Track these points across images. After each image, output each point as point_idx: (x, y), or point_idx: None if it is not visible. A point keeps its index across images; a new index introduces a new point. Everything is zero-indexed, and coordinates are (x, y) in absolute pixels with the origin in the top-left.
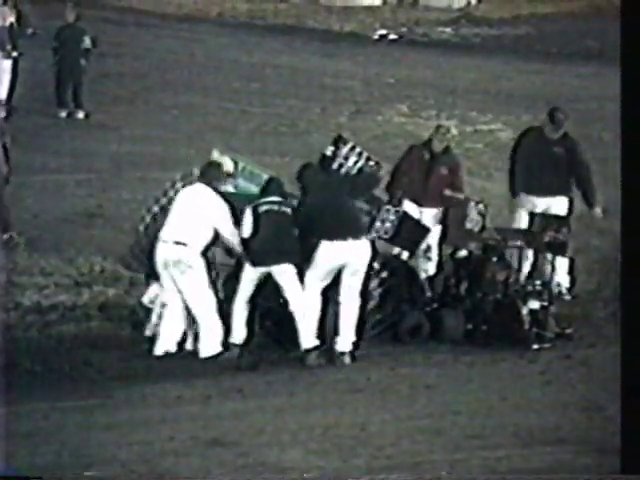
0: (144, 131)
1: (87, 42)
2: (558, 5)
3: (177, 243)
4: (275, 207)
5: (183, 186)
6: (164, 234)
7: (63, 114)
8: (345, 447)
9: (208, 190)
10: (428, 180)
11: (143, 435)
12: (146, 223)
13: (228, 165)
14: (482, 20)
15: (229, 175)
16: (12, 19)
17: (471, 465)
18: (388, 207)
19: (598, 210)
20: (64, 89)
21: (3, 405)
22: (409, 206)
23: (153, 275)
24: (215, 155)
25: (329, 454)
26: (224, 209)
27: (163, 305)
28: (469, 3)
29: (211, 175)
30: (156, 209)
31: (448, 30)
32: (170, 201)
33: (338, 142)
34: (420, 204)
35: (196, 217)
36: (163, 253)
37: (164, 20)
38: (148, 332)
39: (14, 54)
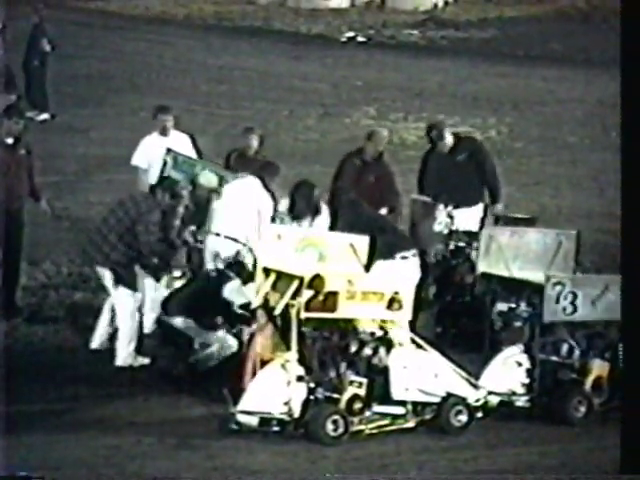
0: (112, 133)
1: (45, 45)
2: (524, 8)
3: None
4: None
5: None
6: None
7: (29, 115)
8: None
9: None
10: (358, 188)
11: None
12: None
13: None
14: (449, 23)
15: None
16: None
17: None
18: None
19: (499, 206)
20: (28, 91)
21: None
22: None
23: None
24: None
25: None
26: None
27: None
28: (436, 6)
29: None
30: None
31: (415, 33)
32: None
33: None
34: None
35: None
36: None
37: (131, 22)
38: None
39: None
